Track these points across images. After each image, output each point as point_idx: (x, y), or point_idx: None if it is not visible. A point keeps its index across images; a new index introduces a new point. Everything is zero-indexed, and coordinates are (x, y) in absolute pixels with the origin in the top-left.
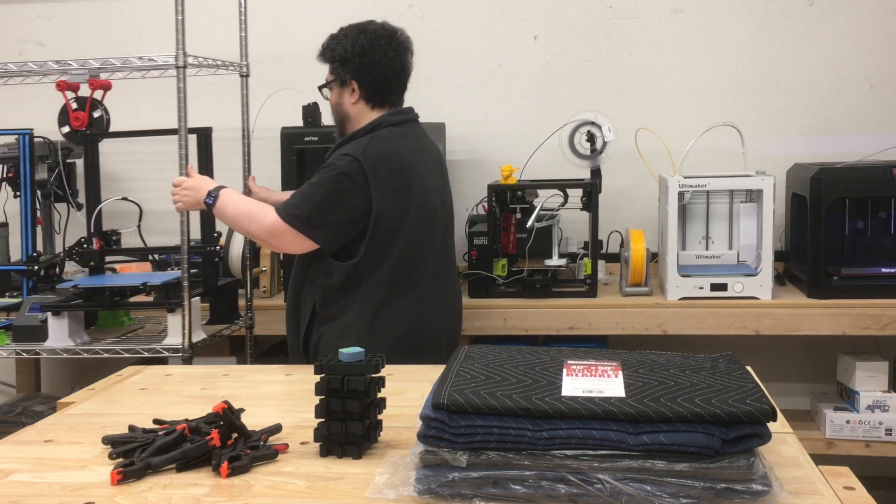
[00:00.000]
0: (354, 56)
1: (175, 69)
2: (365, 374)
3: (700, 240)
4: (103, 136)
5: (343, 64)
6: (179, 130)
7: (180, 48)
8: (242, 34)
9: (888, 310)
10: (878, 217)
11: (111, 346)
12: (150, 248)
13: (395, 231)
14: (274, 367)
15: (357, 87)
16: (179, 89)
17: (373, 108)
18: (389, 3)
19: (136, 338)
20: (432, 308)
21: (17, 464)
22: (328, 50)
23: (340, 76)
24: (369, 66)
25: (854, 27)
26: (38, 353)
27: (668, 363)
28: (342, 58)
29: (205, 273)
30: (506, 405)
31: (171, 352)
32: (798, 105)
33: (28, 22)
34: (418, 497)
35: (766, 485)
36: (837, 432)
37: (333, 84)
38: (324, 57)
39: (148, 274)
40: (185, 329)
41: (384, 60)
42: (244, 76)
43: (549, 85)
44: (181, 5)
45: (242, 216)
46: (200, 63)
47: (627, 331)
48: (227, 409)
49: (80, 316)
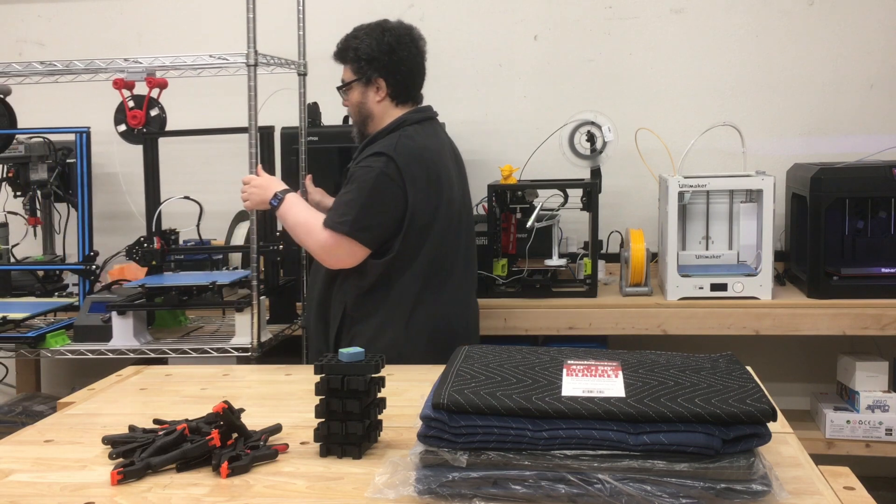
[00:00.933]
0: (382, 54)
1: (246, 67)
2: (365, 374)
3: (700, 240)
4: (161, 135)
5: (369, 62)
6: (250, 129)
7: (251, 46)
8: (300, 33)
9: (888, 310)
10: (878, 217)
11: (178, 346)
12: (210, 247)
13: (428, 227)
14: (274, 367)
15: (384, 84)
16: (250, 87)
17: (397, 105)
18: (389, 3)
19: (199, 337)
20: (461, 304)
21: (17, 464)
22: (350, 49)
23: (366, 75)
24: (397, 64)
25: (854, 27)
26: (103, 353)
27: (669, 363)
28: (368, 56)
29: (266, 272)
30: (506, 405)
31: (241, 351)
32: (798, 105)
33: (28, 22)
34: (418, 497)
35: (766, 485)
36: (837, 432)
37: (356, 83)
38: (344, 57)
39: (215, 273)
40: (253, 328)
41: (409, 57)
42: (302, 75)
43: (549, 85)
44: (252, 3)
45: (300, 226)
46: (268, 62)
47: (627, 331)
48: (227, 409)
49: (143, 316)
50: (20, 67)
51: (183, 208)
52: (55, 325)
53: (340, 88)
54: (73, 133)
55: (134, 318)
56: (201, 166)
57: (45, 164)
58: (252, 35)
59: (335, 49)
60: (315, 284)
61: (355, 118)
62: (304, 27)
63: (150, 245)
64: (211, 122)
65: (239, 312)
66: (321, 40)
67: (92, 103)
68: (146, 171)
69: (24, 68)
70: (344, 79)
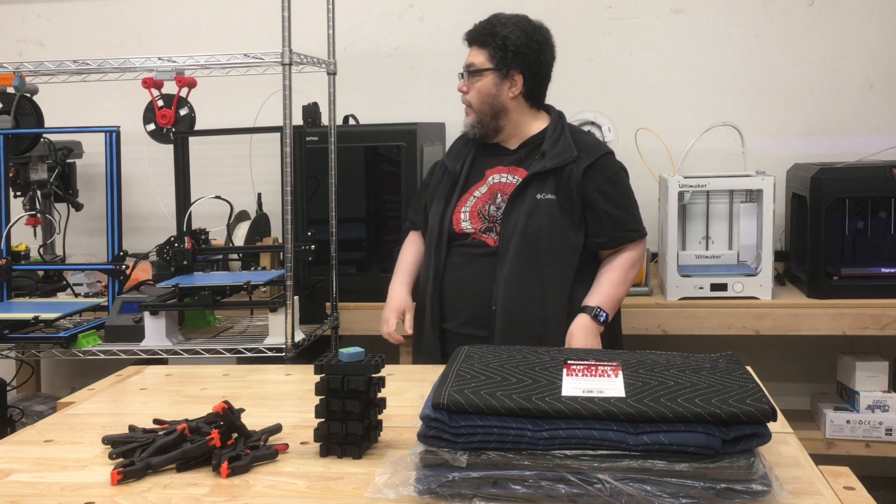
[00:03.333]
0: (531, 51)
1: (280, 66)
2: (365, 374)
3: (700, 240)
4: (191, 134)
5: (516, 55)
6: (284, 128)
7: (286, 45)
8: (330, 31)
9: (888, 310)
10: (878, 217)
11: (210, 346)
12: (239, 247)
13: None
14: (274, 367)
15: (521, 82)
16: (285, 87)
17: (531, 106)
18: (389, 3)
19: (229, 337)
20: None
21: (17, 464)
22: (498, 36)
23: (507, 65)
24: (540, 66)
25: (854, 27)
26: (135, 354)
27: (669, 363)
28: (517, 48)
29: (297, 272)
30: (506, 405)
31: (275, 351)
32: (798, 105)
33: (28, 22)
34: (418, 497)
35: (766, 485)
36: (837, 432)
37: (492, 72)
38: (485, 41)
39: (248, 273)
40: (288, 328)
41: (550, 61)
42: (332, 74)
43: (550, 85)
44: (287, 2)
45: (627, 283)
46: (302, 60)
47: (627, 331)
48: (227, 409)
49: (175, 316)
50: (52, 66)
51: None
52: (85, 326)
53: (470, 71)
54: (103, 132)
55: (166, 319)
56: (213, 166)
57: (45, 164)
58: (287, 34)
59: (473, 30)
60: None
61: (480, 107)
62: (333, 26)
63: (181, 245)
64: (211, 123)
65: (273, 312)
66: (322, 38)
67: (110, 103)
68: (176, 170)
69: (56, 67)
70: (476, 63)
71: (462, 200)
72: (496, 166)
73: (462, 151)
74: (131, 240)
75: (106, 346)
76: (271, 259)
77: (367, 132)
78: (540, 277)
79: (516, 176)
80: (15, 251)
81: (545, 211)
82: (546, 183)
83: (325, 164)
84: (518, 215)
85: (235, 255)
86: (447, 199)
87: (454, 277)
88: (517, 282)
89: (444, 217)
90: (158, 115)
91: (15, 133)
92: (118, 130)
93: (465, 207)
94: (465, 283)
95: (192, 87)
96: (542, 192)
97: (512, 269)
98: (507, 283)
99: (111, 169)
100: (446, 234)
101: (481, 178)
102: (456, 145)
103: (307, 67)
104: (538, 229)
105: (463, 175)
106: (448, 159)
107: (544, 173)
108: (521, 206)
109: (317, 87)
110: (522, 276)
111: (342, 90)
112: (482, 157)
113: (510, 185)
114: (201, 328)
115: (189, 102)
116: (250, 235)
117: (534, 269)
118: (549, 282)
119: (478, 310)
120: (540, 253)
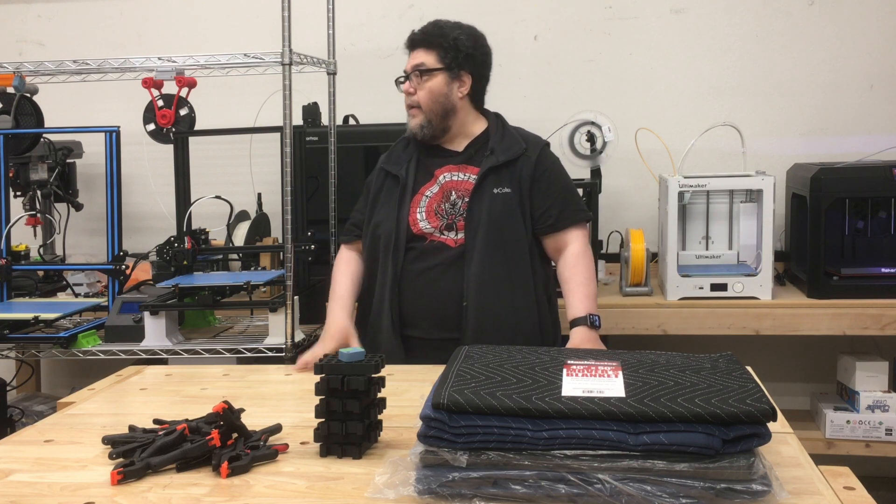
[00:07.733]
0: (480, 54)
1: (280, 66)
2: (365, 374)
3: (700, 240)
4: (191, 134)
5: (466, 57)
6: (284, 128)
7: (287, 45)
8: (330, 31)
9: (888, 310)
10: (878, 217)
11: (212, 346)
12: (239, 247)
13: None
14: (274, 367)
15: (469, 82)
16: (285, 87)
17: (474, 107)
18: (389, 3)
19: (229, 337)
20: None
21: (17, 464)
22: (448, 38)
23: (457, 65)
24: (485, 68)
25: (854, 27)
26: (135, 354)
27: (669, 363)
28: (467, 50)
29: (297, 272)
30: (506, 405)
31: (275, 351)
32: (798, 105)
33: (28, 22)
34: (418, 497)
35: (766, 485)
36: (837, 432)
37: (442, 72)
38: (433, 42)
39: (248, 273)
40: (288, 328)
41: (490, 66)
42: (332, 74)
43: (549, 85)
44: (287, 2)
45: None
46: (302, 60)
47: (627, 331)
48: (227, 409)
49: (175, 316)
50: (52, 66)
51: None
52: (85, 326)
53: (421, 71)
54: (103, 132)
55: (166, 319)
56: (213, 166)
57: (45, 164)
58: (287, 34)
59: (420, 33)
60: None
61: (430, 106)
62: (333, 26)
63: (181, 245)
64: (211, 123)
65: (272, 312)
66: (323, 38)
67: (110, 103)
68: (176, 170)
69: (56, 67)
70: (426, 63)
71: (414, 202)
72: (445, 165)
73: (403, 156)
74: (131, 240)
75: (106, 346)
76: (271, 259)
77: (367, 132)
78: (507, 270)
79: (468, 173)
80: (15, 251)
81: (504, 204)
82: (501, 177)
83: (325, 164)
84: (480, 211)
85: (235, 256)
86: (399, 202)
87: (416, 283)
88: (487, 276)
89: (399, 220)
90: (158, 115)
91: (15, 133)
92: (118, 130)
93: (419, 208)
94: (429, 287)
95: (192, 87)
96: (498, 186)
97: (481, 264)
98: (478, 279)
99: (111, 169)
100: (403, 237)
101: (430, 178)
102: (395, 151)
103: (307, 67)
104: (500, 223)
105: (410, 177)
106: (388, 165)
107: (497, 167)
108: (482, 201)
109: (317, 87)
110: (491, 270)
111: (342, 90)
112: (427, 159)
113: (463, 182)
114: (201, 328)
115: (189, 102)
116: (250, 235)
117: (501, 263)
118: (515, 273)
119: (446, 311)
120: (505, 245)
